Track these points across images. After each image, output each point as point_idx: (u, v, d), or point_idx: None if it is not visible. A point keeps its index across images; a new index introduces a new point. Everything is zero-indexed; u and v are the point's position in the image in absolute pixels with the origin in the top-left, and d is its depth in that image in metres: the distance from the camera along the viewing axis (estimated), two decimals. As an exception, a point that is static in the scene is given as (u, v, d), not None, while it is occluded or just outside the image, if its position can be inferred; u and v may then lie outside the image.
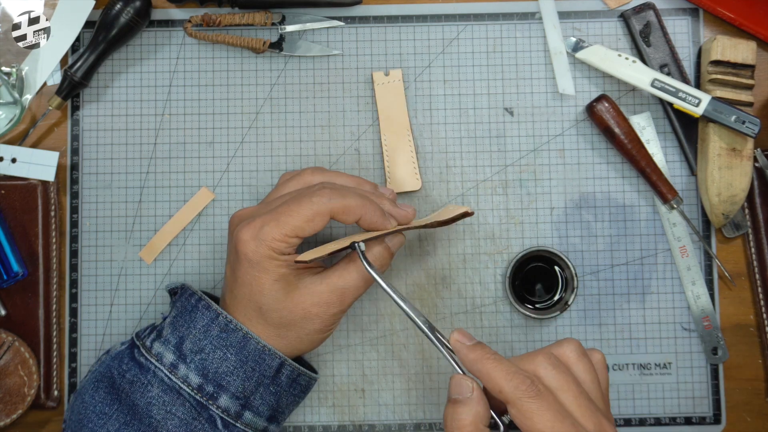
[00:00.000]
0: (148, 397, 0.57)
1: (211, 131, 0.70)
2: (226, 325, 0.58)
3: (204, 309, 0.58)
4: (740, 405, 0.69)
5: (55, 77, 0.70)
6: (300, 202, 0.57)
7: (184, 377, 0.57)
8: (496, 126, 0.70)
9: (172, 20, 0.71)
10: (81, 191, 0.70)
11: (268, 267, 0.57)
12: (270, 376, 0.58)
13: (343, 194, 0.58)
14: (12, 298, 0.68)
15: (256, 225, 0.57)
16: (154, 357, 0.58)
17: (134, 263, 0.70)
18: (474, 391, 0.51)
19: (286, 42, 0.70)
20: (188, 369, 0.57)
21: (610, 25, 0.71)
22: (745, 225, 0.70)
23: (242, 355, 0.57)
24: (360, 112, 0.71)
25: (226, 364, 0.57)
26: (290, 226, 0.56)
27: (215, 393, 0.57)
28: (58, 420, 0.69)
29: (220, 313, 0.58)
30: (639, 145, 0.68)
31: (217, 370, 0.57)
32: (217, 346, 0.57)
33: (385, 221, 0.60)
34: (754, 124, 0.65)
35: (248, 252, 0.57)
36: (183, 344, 0.58)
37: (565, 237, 0.70)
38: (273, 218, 0.57)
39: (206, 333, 0.58)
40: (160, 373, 0.57)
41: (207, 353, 0.57)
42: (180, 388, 0.57)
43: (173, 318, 0.59)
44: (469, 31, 0.71)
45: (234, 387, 0.57)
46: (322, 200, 0.57)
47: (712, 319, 0.69)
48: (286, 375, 0.59)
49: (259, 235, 0.56)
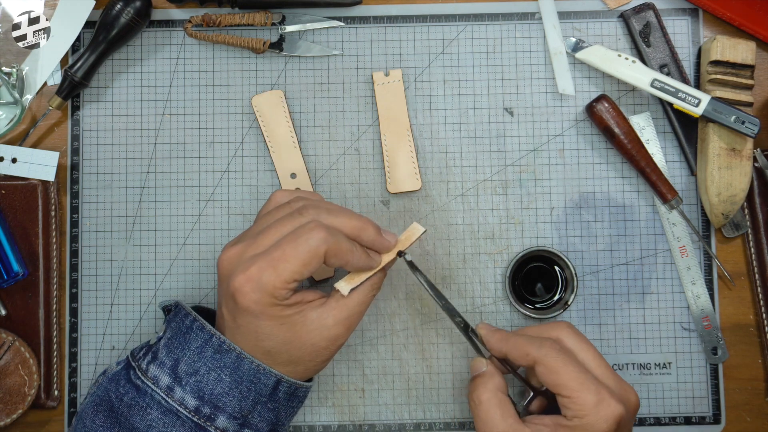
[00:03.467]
0: (148, 420, 0.57)
1: (211, 131, 0.70)
2: (220, 346, 0.57)
3: (198, 330, 0.58)
4: (740, 405, 0.69)
5: (55, 77, 0.70)
6: (296, 245, 0.54)
7: (181, 400, 0.57)
8: (496, 126, 0.70)
9: (172, 20, 0.71)
10: (81, 191, 0.70)
11: (271, 314, 0.55)
12: (267, 394, 0.58)
13: (335, 234, 0.56)
14: (12, 298, 0.68)
15: (253, 274, 0.54)
16: (151, 380, 0.57)
17: (134, 263, 0.70)
18: (488, 365, 0.60)
19: (286, 42, 0.70)
20: (184, 392, 0.57)
21: (610, 25, 0.71)
22: (745, 225, 0.70)
23: (237, 375, 0.57)
24: (360, 112, 0.71)
25: (221, 385, 0.57)
26: (288, 272, 0.54)
27: (212, 414, 0.57)
28: (58, 420, 0.69)
29: (214, 334, 0.57)
30: (639, 145, 0.68)
31: (212, 392, 0.57)
32: (212, 368, 0.57)
33: (370, 262, 0.58)
34: (754, 124, 0.65)
35: (249, 304, 0.55)
36: (178, 366, 0.57)
37: (565, 237, 0.70)
38: (270, 265, 0.54)
39: (200, 355, 0.57)
40: (158, 396, 0.57)
41: (202, 375, 0.57)
42: (177, 411, 0.57)
43: (168, 340, 0.59)
44: (469, 31, 0.71)
45: (231, 407, 0.57)
46: (318, 243, 0.54)
47: (711, 319, 0.69)
48: (284, 391, 0.58)
49: (259, 286, 0.54)
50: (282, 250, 0.54)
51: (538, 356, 0.57)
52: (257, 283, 0.54)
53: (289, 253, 0.54)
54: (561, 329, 0.60)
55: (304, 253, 0.54)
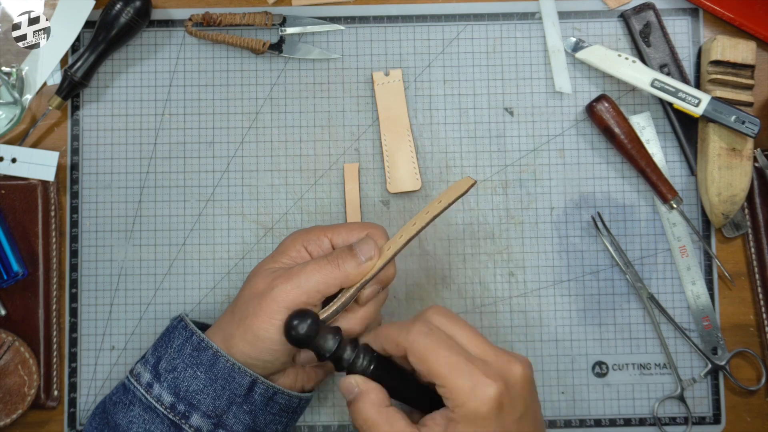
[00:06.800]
0: (130, 416, 0.57)
1: (211, 131, 0.70)
2: (199, 344, 0.57)
3: (182, 329, 0.58)
4: (740, 405, 0.69)
5: (55, 77, 0.70)
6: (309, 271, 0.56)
7: (158, 396, 0.57)
8: (496, 126, 0.70)
9: (172, 20, 0.71)
10: (81, 191, 0.70)
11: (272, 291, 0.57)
12: (242, 394, 0.57)
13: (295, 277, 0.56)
14: (12, 298, 0.68)
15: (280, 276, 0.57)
16: (134, 377, 0.58)
17: (134, 263, 0.70)
18: (360, 385, 0.54)
19: (286, 44, 0.70)
20: (162, 388, 0.57)
21: (610, 25, 0.71)
22: (745, 225, 0.70)
23: (212, 373, 0.57)
24: (360, 112, 0.71)
25: (197, 382, 0.57)
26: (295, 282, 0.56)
27: (187, 412, 0.57)
28: (58, 420, 0.69)
29: (195, 332, 0.58)
30: (639, 145, 0.68)
31: (188, 389, 0.57)
32: (189, 365, 0.57)
33: (361, 269, 0.57)
34: (754, 124, 0.65)
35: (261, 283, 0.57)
36: (159, 364, 0.58)
37: (565, 237, 0.70)
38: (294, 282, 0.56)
39: (180, 352, 0.58)
40: (138, 393, 0.57)
41: (179, 372, 0.57)
42: (155, 407, 0.57)
43: (156, 340, 0.60)
44: (469, 31, 0.71)
45: (205, 405, 0.57)
46: (326, 275, 0.56)
47: (711, 319, 0.69)
48: (260, 393, 0.58)
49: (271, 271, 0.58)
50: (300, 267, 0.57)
51: (407, 343, 0.53)
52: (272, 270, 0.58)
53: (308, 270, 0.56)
54: (430, 311, 0.55)
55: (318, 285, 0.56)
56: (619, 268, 0.69)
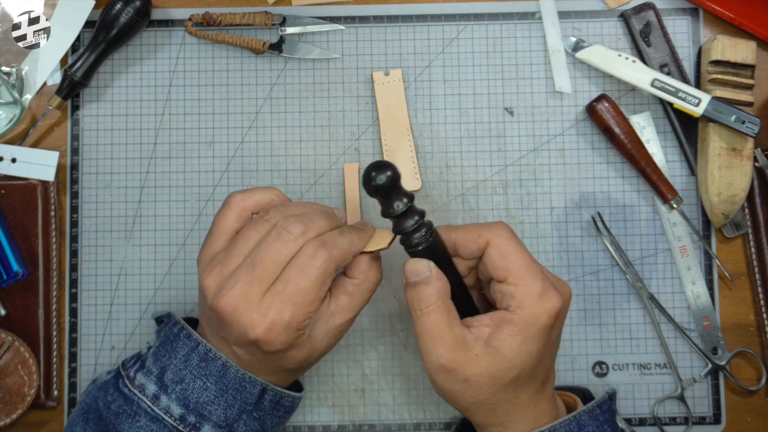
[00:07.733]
0: (136, 427, 0.56)
1: (211, 131, 0.70)
2: (206, 354, 0.57)
3: (185, 338, 0.58)
4: (740, 405, 0.69)
5: (55, 77, 0.70)
6: (306, 275, 0.53)
7: (166, 408, 0.56)
8: (496, 126, 0.70)
9: (172, 20, 0.71)
10: (81, 191, 0.70)
11: (296, 344, 0.55)
12: (252, 402, 0.57)
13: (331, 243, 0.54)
14: (12, 298, 0.68)
15: (276, 319, 0.52)
16: (138, 388, 0.57)
17: (134, 263, 0.70)
18: (432, 269, 0.54)
19: (286, 44, 0.70)
20: (170, 400, 0.56)
21: (610, 25, 0.71)
22: (745, 225, 0.70)
23: (222, 383, 0.56)
24: (360, 112, 0.71)
25: (207, 393, 0.56)
26: (309, 303, 0.53)
27: (197, 423, 0.56)
28: (58, 420, 0.69)
29: (200, 342, 0.57)
30: (639, 145, 0.68)
31: (198, 400, 0.56)
32: (197, 376, 0.56)
33: (364, 235, 0.57)
34: (754, 124, 0.65)
35: (279, 346, 0.53)
36: (164, 374, 0.57)
37: (565, 237, 0.70)
38: (289, 303, 0.53)
39: (186, 362, 0.57)
40: (144, 404, 0.57)
41: (187, 383, 0.56)
42: (163, 419, 0.56)
43: (156, 348, 0.59)
44: (469, 31, 0.71)
45: (216, 416, 0.56)
46: (325, 263, 0.53)
47: (712, 319, 0.69)
48: (269, 399, 0.58)
49: (285, 328, 0.53)
50: (295, 285, 0.53)
51: (491, 236, 0.54)
52: (283, 325, 0.53)
53: (304, 285, 0.53)
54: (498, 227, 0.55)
55: (318, 279, 0.53)
56: (619, 268, 0.69)
